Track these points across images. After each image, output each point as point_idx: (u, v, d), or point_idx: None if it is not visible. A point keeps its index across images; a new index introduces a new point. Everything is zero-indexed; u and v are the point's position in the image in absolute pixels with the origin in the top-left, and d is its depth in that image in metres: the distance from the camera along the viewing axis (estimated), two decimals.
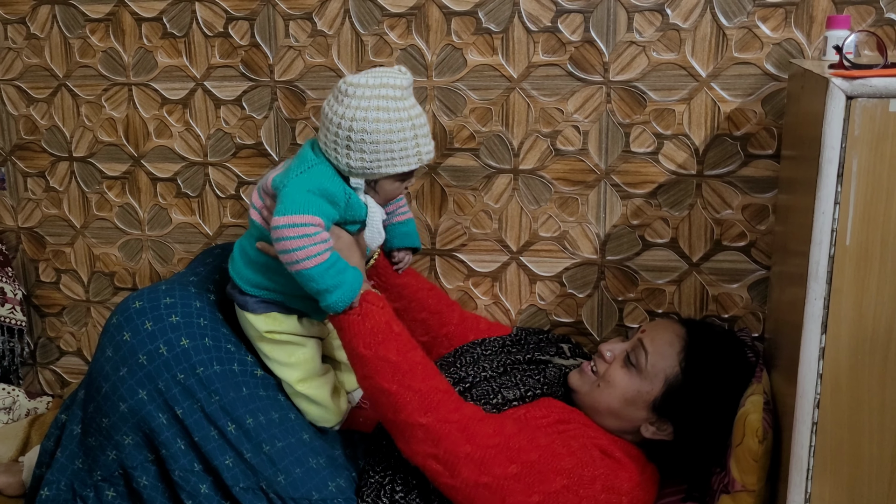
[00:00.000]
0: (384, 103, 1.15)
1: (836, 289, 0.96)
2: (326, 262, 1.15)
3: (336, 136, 1.17)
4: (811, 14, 1.41)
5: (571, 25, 1.53)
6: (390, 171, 1.19)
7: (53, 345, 1.99)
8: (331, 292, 1.15)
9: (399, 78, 1.16)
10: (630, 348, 1.31)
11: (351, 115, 1.15)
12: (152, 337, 1.23)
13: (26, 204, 1.92)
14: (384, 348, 1.17)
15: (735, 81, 1.47)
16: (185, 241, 1.84)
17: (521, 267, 1.66)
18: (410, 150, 1.18)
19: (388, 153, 1.17)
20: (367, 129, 1.15)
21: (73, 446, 1.28)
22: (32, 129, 1.87)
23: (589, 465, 1.18)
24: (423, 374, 1.18)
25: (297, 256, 1.14)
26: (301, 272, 1.15)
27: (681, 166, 1.53)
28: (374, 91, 1.15)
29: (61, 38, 1.80)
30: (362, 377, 1.20)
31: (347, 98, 1.16)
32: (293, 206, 1.15)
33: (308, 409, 1.31)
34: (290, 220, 1.14)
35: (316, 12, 1.64)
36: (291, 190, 1.17)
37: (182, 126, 1.78)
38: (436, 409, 1.15)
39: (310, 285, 1.16)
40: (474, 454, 1.14)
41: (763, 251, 1.52)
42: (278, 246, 1.15)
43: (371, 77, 1.16)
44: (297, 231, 1.14)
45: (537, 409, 1.28)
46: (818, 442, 1.00)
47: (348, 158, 1.17)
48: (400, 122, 1.16)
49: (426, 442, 1.15)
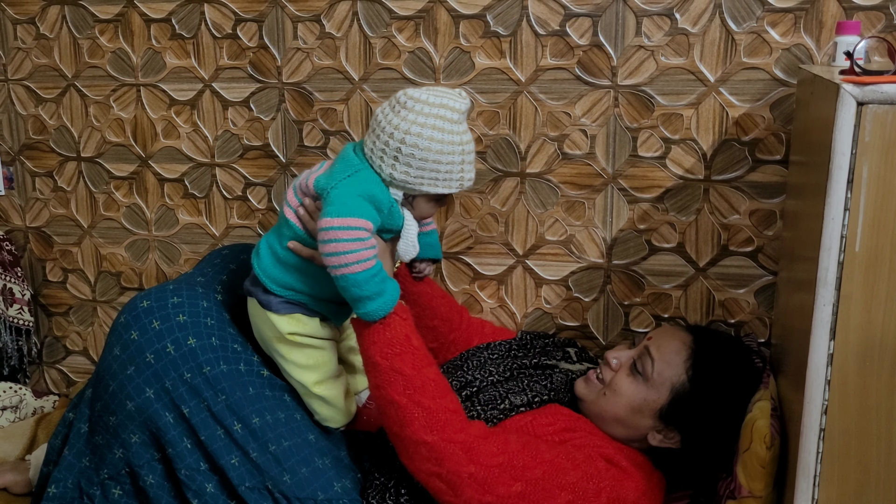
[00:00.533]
0: (440, 123, 1.15)
1: (844, 295, 0.96)
2: (373, 268, 1.14)
3: (386, 144, 1.16)
4: (820, 19, 1.41)
5: (580, 29, 1.53)
6: (430, 191, 1.19)
7: (60, 344, 1.99)
8: (372, 300, 1.14)
9: (459, 102, 1.16)
10: (636, 356, 1.31)
11: (406, 128, 1.14)
12: (160, 336, 1.23)
13: (34, 203, 1.93)
14: (400, 360, 1.17)
15: (743, 86, 1.47)
16: (192, 242, 1.85)
17: (528, 270, 1.66)
18: (455, 174, 1.18)
19: (433, 172, 1.16)
20: (419, 145, 1.14)
21: (81, 444, 1.29)
22: (41, 128, 1.88)
23: (594, 477, 1.17)
24: (434, 392, 1.17)
25: (346, 259, 1.12)
26: (347, 276, 1.13)
27: (688, 171, 1.53)
28: (432, 109, 1.15)
29: (70, 38, 1.81)
30: (375, 386, 1.20)
31: (405, 111, 1.15)
32: (346, 208, 1.14)
33: (320, 409, 1.31)
34: (344, 222, 1.13)
35: (324, 14, 1.65)
36: (342, 193, 1.16)
37: (190, 127, 1.78)
38: (441, 428, 1.14)
39: (352, 290, 1.14)
40: (478, 474, 1.13)
41: (770, 257, 1.52)
42: (327, 248, 1.13)
43: (432, 95, 1.16)
44: (349, 234, 1.13)
45: (543, 416, 1.27)
46: (826, 448, 1.00)
47: (393, 169, 1.16)
48: (451, 145, 1.16)
49: (429, 460, 1.14)
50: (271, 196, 1.77)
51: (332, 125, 1.70)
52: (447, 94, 1.16)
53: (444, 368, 1.45)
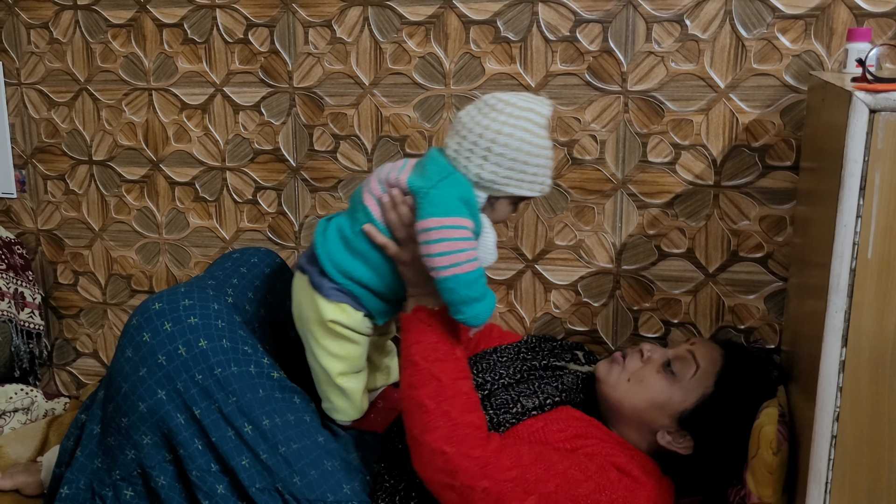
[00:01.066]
0: (530, 126, 1.15)
1: (857, 302, 0.96)
2: (480, 269, 1.15)
3: (475, 144, 1.16)
4: (831, 26, 1.41)
5: (590, 35, 1.53)
6: (515, 192, 1.18)
7: (70, 346, 2.00)
8: (479, 301, 1.15)
9: (545, 108, 1.17)
10: (674, 356, 1.30)
11: (497, 128, 1.15)
12: (171, 338, 1.23)
13: (46, 206, 1.94)
14: (439, 367, 1.18)
15: (754, 92, 1.47)
16: (202, 245, 1.85)
17: (537, 275, 1.66)
18: (539, 177, 1.19)
19: (521, 173, 1.17)
20: (510, 145, 1.14)
21: (93, 446, 1.29)
22: (53, 132, 1.89)
23: (606, 489, 1.16)
24: (464, 406, 1.17)
25: (457, 259, 1.12)
26: (459, 276, 1.13)
27: (698, 177, 1.53)
28: (523, 112, 1.15)
29: (83, 42, 1.82)
30: (408, 385, 1.20)
31: (495, 112, 1.16)
32: (451, 208, 1.14)
33: (336, 400, 1.31)
34: (452, 221, 1.13)
35: (335, 20, 1.66)
36: (444, 192, 1.16)
37: (201, 131, 1.79)
38: (460, 442, 1.14)
39: (461, 292, 1.14)
40: (491, 489, 1.12)
41: (780, 263, 1.52)
42: (435, 248, 1.12)
43: (521, 99, 1.17)
44: (458, 233, 1.13)
45: (555, 421, 1.27)
46: (837, 455, 1.00)
47: (481, 169, 1.16)
48: (539, 148, 1.16)
49: (444, 472, 1.14)
50: (281, 200, 1.77)
51: (342, 130, 1.70)
52: (534, 99, 1.17)
53: None
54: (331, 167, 1.73)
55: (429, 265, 1.14)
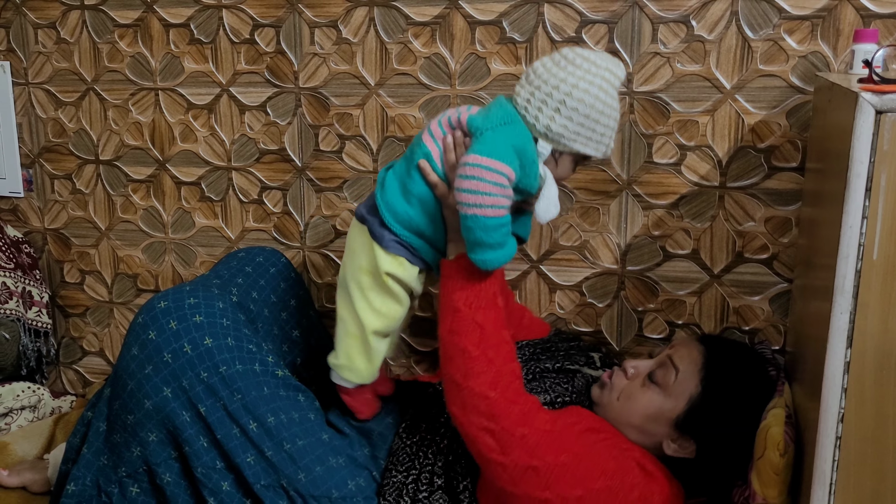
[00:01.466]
0: (606, 85, 1.14)
1: (862, 303, 0.96)
2: (505, 217, 1.13)
3: (549, 95, 1.14)
4: (838, 27, 1.41)
5: (596, 36, 1.53)
6: (581, 149, 1.17)
7: (77, 345, 2.01)
8: (493, 249, 1.13)
9: (621, 70, 1.16)
10: (656, 366, 1.31)
11: (573, 82, 1.13)
12: (177, 336, 1.24)
13: (53, 206, 1.95)
14: (483, 314, 1.18)
15: (759, 93, 1.47)
16: (208, 245, 1.86)
17: (541, 276, 1.66)
18: (606, 138, 1.18)
19: (590, 130, 1.15)
20: (585, 100, 1.13)
21: (99, 443, 1.30)
22: (60, 132, 1.90)
23: (629, 472, 1.18)
24: (507, 355, 1.18)
25: (483, 201, 1.10)
26: (477, 217, 1.11)
27: (703, 178, 1.53)
28: (600, 70, 1.14)
29: (90, 42, 1.83)
30: (448, 331, 1.19)
31: (572, 66, 1.14)
32: (497, 151, 1.12)
33: (357, 358, 1.29)
34: (492, 163, 1.11)
35: (341, 20, 1.66)
36: (498, 136, 1.14)
37: (207, 131, 1.80)
38: (505, 388, 1.16)
39: (476, 234, 1.12)
40: (530, 437, 1.14)
41: (785, 264, 1.52)
42: (465, 183, 1.11)
43: (598, 57, 1.15)
44: (493, 176, 1.11)
45: (568, 416, 1.28)
46: (842, 456, 1.00)
47: (552, 121, 1.14)
48: (611, 109, 1.16)
49: (486, 415, 1.15)
50: (287, 200, 1.78)
51: (347, 130, 1.70)
52: (612, 60, 1.16)
53: None
54: (336, 167, 1.73)
55: (455, 198, 1.13)
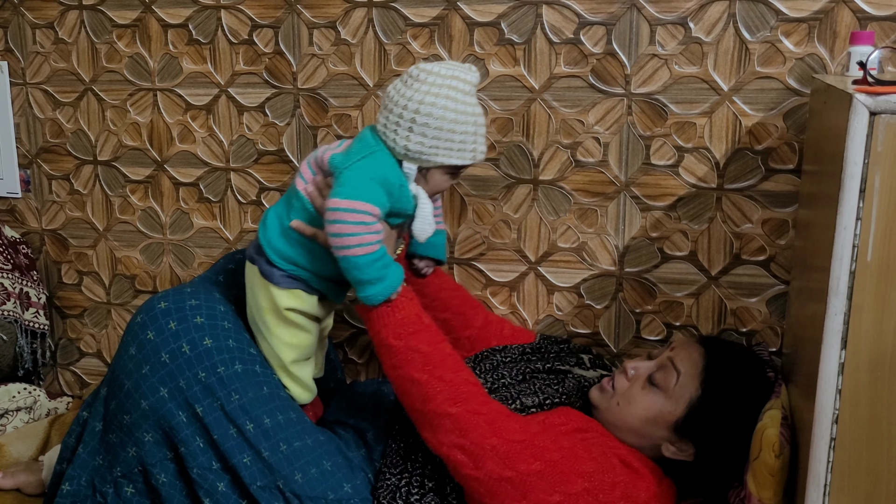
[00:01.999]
0: (454, 94, 1.17)
1: (856, 305, 0.96)
2: (376, 253, 1.16)
3: (400, 117, 1.17)
4: (834, 29, 1.41)
5: (594, 38, 1.53)
6: (445, 161, 1.20)
7: (74, 346, 2.01)
8: (373, 284, 1.16)
9: (470, 74, 1.19)
10: (657, 368, 1.30)
11: (419, 99, 1.16)
12: (176, 336, 1.24)
13: (50, 206, 1.95)
14: (415, 339, 1.18)
15: (757, 95, 1.47)
16: (206, 246, 1.86)
17: (540, 277, 1.66)
18: (469, 144, 1.20)
19: (448, 142, 1.18)
20: (434, 114, 1.16)
21: (95, 443, 1.30)
22: (58, 132, 1.90)
23: (609, 471, 1.18)
24: (453, 366, 1.19)
25: (349, 242, 1.14)
26: (349, 258, 1.15)
27: (701, 179, 1.53)
28: (445, 80, 1.17)
29: (88, 43, 1.83)
30: (391, 367, 1.20)
31: (418, 83, 1.17)
32: (355, 191, 1.15)
33: (290, 385, 1.33)
34: (351, 204, 1.14)
35: (340, 21, 1.66)
36: (355, 175, 1.17)
37: (205, 132, 1.80)
38: (465, 400, 1.16)
39: (353, 273, 1.16)
40: (500, 447, 1.14)
41: (782, 266, 1.52)
42: (331, 228, 1.15)
43: (444, 67, 1.18)
44: (355, 217, 1.14)
45: (556, 416, 1.28)
46: (836, 458, 1.00)
47: (407, 141, 1.17)
48: (465, 115, 1.18)
49: (454, 432, 1.15)
50: None
51: (346, 131, 1.71)
52: (458, 67, 1.19)
53: None
54: None
55: (327, 242, 1.16)
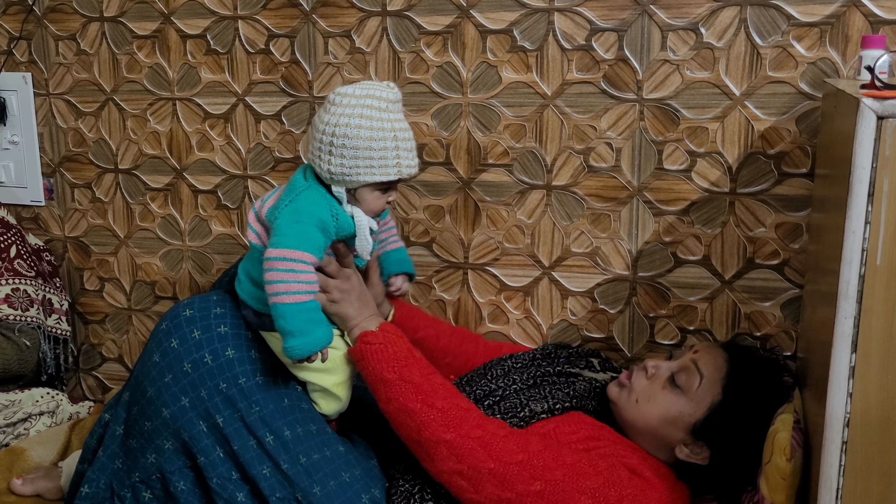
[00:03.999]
0: (367, 112, 1.18)
1: (866, 308, 0.96)
2: (303, 304, 1.17)
3: (320, 142, 1.20)
4: (846, 33, 1.41)
5: (605, 44, 1.54)
6: (368, 180, 1.21)
7: (96, 351, 2.04)
8: (294, 336, 1.16)
9: (385, 91, 1.20)
10: (679, 368, 1.30)
11: (335, 122, 1.19)
12: (199, 346, 1.25)
13: (73, 214, 1.98)
14: (408, 371, 1.21)
15: (769, 100, 1.48)
16: (224, 252, 1.88)
17: (553, 282, 1.67)
18: (390, 160, 1.20)
19: (366, 160, 1.19)
20: (349, 135, 1.18)
21: (115, 446, 1.31)
22: (80, 141, 1.93)
23: (616, 485, 1.17)
24: (445, 394, 1.21)
25: (276, 289, 1.16)
26: (276, 305, 1.16)
27: (714, 184, 1.54)
28: (358, 101, 1.19)
29: (109, 54, 1.86)
30: (386, 400, 1.23)
31: (334, 106, 1.20)
32: (286, 239, 1.18)
33: (332, 404, 1.33)
34: (281, 253, 1.17)
35: (355, 30, 1.68)
36: (283, 223, 1.20)
37: (223, 140, 1.82)
38: (458, 425, 1.18)
39: (279, 322, 1.17)
40: (497, 470, 1.15)
41: (796, 270, 1.52)
42: (265, 276, 1.18)
43: (358, 88, 1.21)
44: (285, 265, 1.16)
45: (567, 423, 1.28)
46: (848, 461, 1.00)
47: (329, 164, 1.20)
48: (381, 132, 1.19)
49: (450, 458, 1.17)
50: None
51: None
52: (373, 86, 1.20)
53: (467, 378, 1.46)
54: None
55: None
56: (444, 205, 1.70)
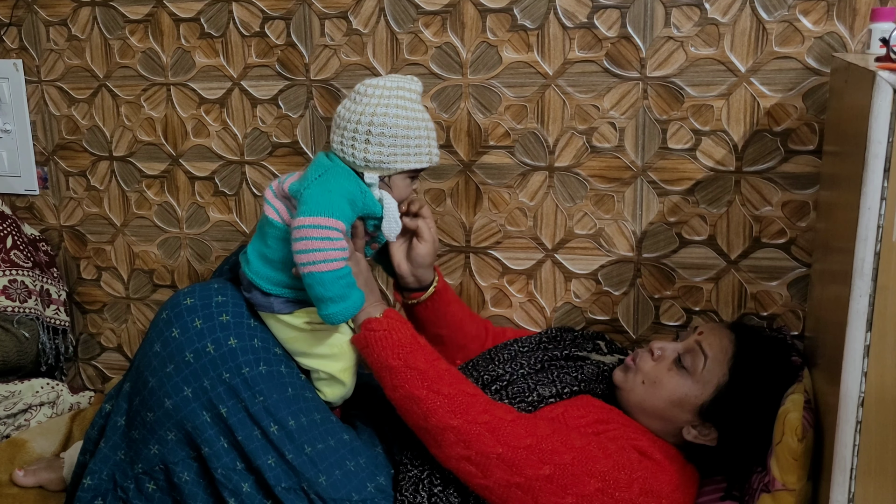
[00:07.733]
0: (402, 102, 1.22)
1: (881, 286, 0.94)
2: (341, 270, 1.17)
3: (355, 132, 1.21)
4: (854, 7, 1.39)
5: (608, 21, 1.52)
6: (404, 167, 1.24)
7: (94, 341, 2.02)
8: (335, 302, 1.17)
9: (414, 84, 1.24)
10: (684, 350, 1.29)
11: (371, 111, 1.20)
12: (201, 335, 1.24)
13: (68, 203, 1.96)
14: (413, 357, 1.20)
15: (775, 76, 1.45)
16: (223, 239, 1.86)
17: (557, 265, 1.65)
18: (424, 148, 1.24)
19: (404, 147, 1.22)
20: (388, 123, 1.20)
21: (117, 437, 1.30)
22: (74, 129, 1.91)
23: (626, 467, 1.17)
24: (451, 380, 1.20)
25: (313, 258, 1.15)
26: (313, 273, 1.16)
27: (719, 163, 1.52)
28: (391, 91, 1.22)
29: (101, 39, 1.83)
30: (392, 388, 1.22)
31: (366, 98, 1.22)
32: (318, 207, 1.17)
33: (337, 391, 1.32)
34: (315, 220, 1.16)
35: (351, 11, 1.65)
36: (315, 192, 1.20)
37: (219, 125, 1.80)
38: (465, 411, 1.17)
39: (317, 289, 1.17)
40: (506, 455, 1.14)
41: (803, 248, 1.50)
42: (297, 245, 1.16)
43: (388, 80, 1.23)
44: (319, 233, 1.16)
45: (575, 407, 1.27)
46: (862, 441, 0.99)
47: (366, 153, 1.21)
48: (416, 121, 1.22)
49: (458, 444, 1.16)
50: None
51: None
52: (402, 79, 1.24)
53: (473, 363, 1.45)
54: None
55: (294, 261, 1.18)
56: (444, 188, 1.68)
